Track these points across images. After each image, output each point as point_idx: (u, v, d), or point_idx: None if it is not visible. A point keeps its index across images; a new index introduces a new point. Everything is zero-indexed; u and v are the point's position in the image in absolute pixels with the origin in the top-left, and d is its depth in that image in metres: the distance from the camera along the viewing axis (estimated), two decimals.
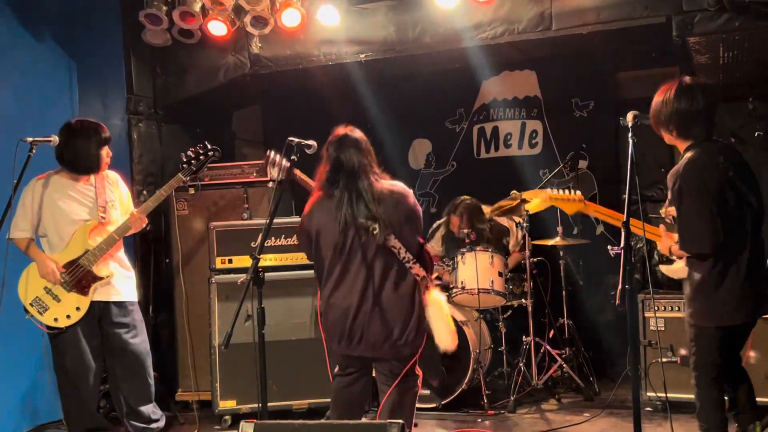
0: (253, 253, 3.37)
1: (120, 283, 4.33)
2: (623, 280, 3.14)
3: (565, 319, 5.41)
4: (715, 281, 3.25)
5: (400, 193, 3.42)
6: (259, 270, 3.35)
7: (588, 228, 5.90)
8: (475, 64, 5.73)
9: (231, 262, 4.92)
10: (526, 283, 5.22)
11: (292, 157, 3.66)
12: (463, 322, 4.96)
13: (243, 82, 5.69)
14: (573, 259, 5.83)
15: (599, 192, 6.08)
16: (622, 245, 3.18)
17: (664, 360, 4.55)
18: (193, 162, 4.52)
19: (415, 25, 5.14)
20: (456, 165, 6.63)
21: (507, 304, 5.30)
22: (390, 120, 6.36)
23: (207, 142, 4.61)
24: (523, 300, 5.26)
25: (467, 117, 6.59)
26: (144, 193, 5.47)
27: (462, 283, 5.07)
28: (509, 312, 5.41)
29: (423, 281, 3.41)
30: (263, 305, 3.41)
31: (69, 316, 4.15)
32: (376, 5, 5.20)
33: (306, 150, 3.68)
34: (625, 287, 3.14)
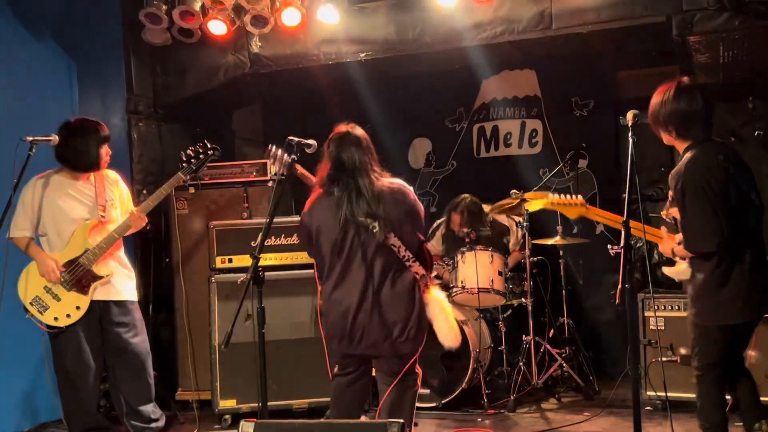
0: (253, 253, 3.36)
1: (120, 283, 4.32)
2: (623, 279, 3.14)
3: (565, 319, 5.42)
4: (720, 280, 3.25)
5: (399, 191, 3.42)
6: (259, 269, 3.35)
7: (588, 227, 5.89)
8: (475, 63, 5.73)
9: (231, 261, 4.92)
10: (526, 283, 5.22)
11: (292, 156, 3.66)
12: (463, 321, 4.95)
13: (243, 81, 5.69)
14: (573, 259, 5.83)
15: (599, 191, 6.08)
16: (622, 244, 3.18)
17: (664, 359, 4.55)
18: (193, 161, 4.51)
19: (415, 25, 5.14)
20: (456, 164, 6.62)
21: (507, 303, 5.30)
22: (390, 119, 6.34)
23: (207, 141, 4.61)
24: (523, 299, 5.26)
25: (467, 116, 6.58)
26: (144, 193, 5.45)
27: (462, 283, 5.07)
28: (509, 311, 5.40)
29: (422, 279, 3.41)
30: (263, 304, 3.41)
31: (69, 315, 4.15)
32: (376, 5, 5.20)
33: (306, 149, 3.68)
34: (625, 286, 3.14)
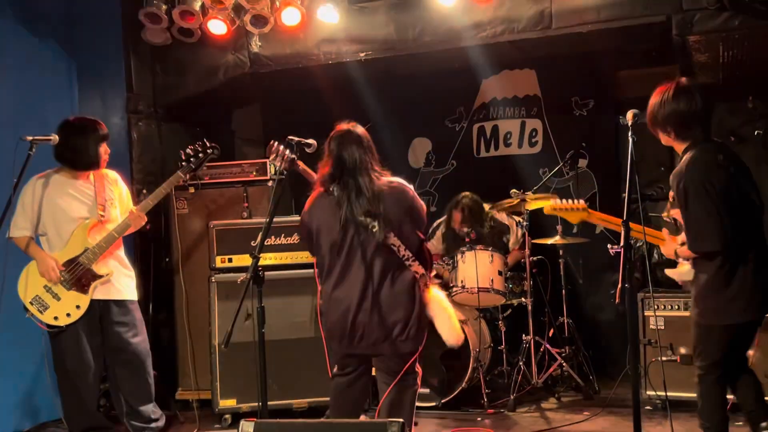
0: (253, 252, 3.36)
1: (120, 282, 4.32)
2: (623, 278, 3.14)
3: (565, 318, 5.42)
4: (724, 279, 3.25)
5: (399, 190, 3.42)
6: (259, 269, 3.35)
7: (588, 227, 5.86)
8: (475, 63, 5.73)
9: (231, 261, 4.92)
10: (525, 282, 5.22)
11: (292, 156, 3.66)
12: (463, 320, 4.95)
13: (243, 81, 5.69)
14: (573, 258, 5.83)
15: (599, 191, 6.08)
16: (621, 244, 3.18)
17: (663, 358, 4.56)
18: (192, 159, 4.52)
19: (415, 24, 5.14)
20: (456, 164, 6.62)
21: (507, 302, 5.30)
22: (390, 119, 6.34)
23: (206, 140, 4.61)
24: (523, 299, 5.26)
25: (467, 116, 6.58)
26: (144, 192, 5.44)
27: (462, 282, 5.07)
28: (509, 311, 5.41)
29: (422, 279, 3.41)
30: (263, 304, 3.40)
31: (69, 314, 4.15)
32: (376, 4, 5.20)
33: (306, 149, 3.68)
34: (625, 286, 3.13)
